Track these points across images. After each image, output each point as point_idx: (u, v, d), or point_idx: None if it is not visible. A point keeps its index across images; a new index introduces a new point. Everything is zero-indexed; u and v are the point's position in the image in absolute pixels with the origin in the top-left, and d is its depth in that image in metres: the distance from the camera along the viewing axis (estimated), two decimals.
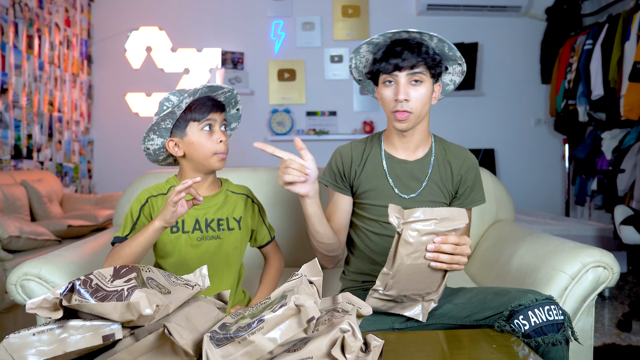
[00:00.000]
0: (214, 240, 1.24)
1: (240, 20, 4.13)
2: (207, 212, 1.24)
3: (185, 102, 1.15)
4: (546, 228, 2.88)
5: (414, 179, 1.24)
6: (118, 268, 0.70)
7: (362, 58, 1.22)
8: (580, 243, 1.27)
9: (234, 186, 1.33)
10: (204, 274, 0.81)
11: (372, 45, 1.18)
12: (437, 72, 1.17)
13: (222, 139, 1.19)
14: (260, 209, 1.34)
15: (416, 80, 1.13)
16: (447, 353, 0.86)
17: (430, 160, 1.25)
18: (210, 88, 1.16)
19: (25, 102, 3.27)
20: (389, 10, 4.16)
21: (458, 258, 0.93)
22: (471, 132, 4.21)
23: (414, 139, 1.23)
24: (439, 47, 1.15)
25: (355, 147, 1.29)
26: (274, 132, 4.10)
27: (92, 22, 4.21)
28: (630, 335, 2.19)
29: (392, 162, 1.25)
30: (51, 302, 0.64)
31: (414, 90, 1.14)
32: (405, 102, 1.13)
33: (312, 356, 0.66)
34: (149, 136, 1.20)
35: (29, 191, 2.92)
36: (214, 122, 1.19)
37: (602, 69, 3.32)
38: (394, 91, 1.14)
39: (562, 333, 0.92)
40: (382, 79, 1.17)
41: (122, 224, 1.22)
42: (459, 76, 1.24)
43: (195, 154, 1.19)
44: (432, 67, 1.14)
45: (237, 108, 1.28)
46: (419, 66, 1.12)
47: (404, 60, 1.11)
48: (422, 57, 1.12)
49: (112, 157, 4.22)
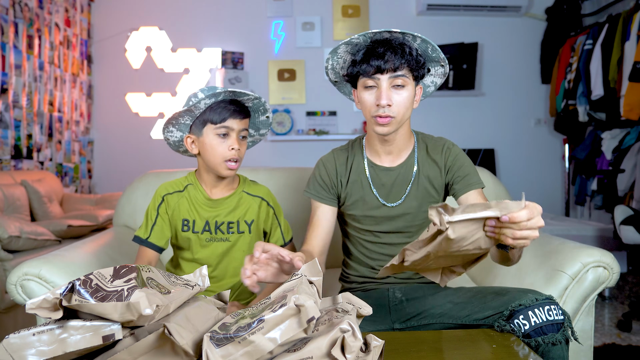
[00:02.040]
0: (223, 242, 1.25)
1: (240, 20, 4.13)
2: (219, 214, 1.24)
3: (205, 102, 1.13)
4: (546, 228, 2.88)
5: (398, 185, 1.20)
6: (118, 268, 0.70)
7: (340, 59, 1.15)
8: (580, 243, 1.27)
9: (252, 187, 1.30)
10: (203, 274, 0.81)
11: (351, 45, 1.11)
12: (419, 74, 1.11)
13: (235, 147, 1.16)
14: (276, 212, 1.32)
15: (398, 84, 1.08)
16: (447, 353, 0.86)
17: (414, 162, 1.21)
18: (235, 93, 1.14)
19: (25, 102, 3.27)
20: (389, 10, 4.16)
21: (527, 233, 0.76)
22: (471, 132, 4.21)
23: (396, 143, 1.18)
24: (422, 47, 1.10)
25: (338, 156, 1.25)
26: (274, 132, 4.10)
27: (92, 22, 4.21)
28: (630, 335, 2.19)
29: (376, 171, 1.21)
30: (51, 302, 0.64)
31: (396, 94, 1.08)
32: (387, 107, 1.07)
33: (312, 356, 0.66)
34: (168, 128, 1.21)
35: (29, 191, 2.92)
36: (230, 130, 1.16)
37: (602, 69, 3.32)
38: (376, 95, 1.08)
39: (562, 333, 0.92)
40: (362, 82, 1.10)
41: (143, 222, 1.26)
42: (440, 78, 1.19)
43: (207, 156, 1.19)
44: (415, 69, 1.08)
45: (267, 115, 1.25)
46: (402, 68, 1.06)
47: (387, 62, 1.05)
48: (406, 58, 1.06)
49: (112, 157, 4.22)
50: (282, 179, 1.77)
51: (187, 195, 1.25)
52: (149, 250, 1.23)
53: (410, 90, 1.10)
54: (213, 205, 1.24)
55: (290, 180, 1.77)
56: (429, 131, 1.34)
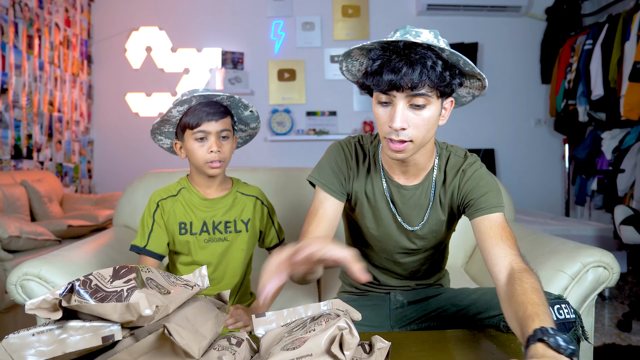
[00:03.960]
0: (221, 242, 1.25)
1: (240, 20, 4.13)
2: (215, 214, 1.25)
3: (178, 110, 1.14)
4: (546, 228, 2.88)
5: (414, 206, 1.06)
6: (117, 268, 0.70)
7: (355, 62, 0.99)
8: (580, 243, 1.27)
9: (245, 187, 1.32)
10: (203, 274, 0.80)
11: (366, 50, 0.93)
12: (447, 90, 0.91)
13: (214, 149, 1.15)
14: (270, 211, 1.33)
15: (418, 104, 0.89)
16: (448, 353, 0.86)
17: (432, 183, 1.05)
18: (204, 96, 1.13)
19: (25, 102, 3.26)
20: (389, 10, 4.16)
21: None
22: (471, 132, 4.21)
23: (415, 165, 1.02)
24: (452, 59, 0.90)
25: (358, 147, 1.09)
26: (274, 132, 4.10)
27: (92, 22, 4.21)
28: (630, 335, 2.19)
29: (392, 185, 1.06)
30: (50, 303, 0.63)
31: (414, 115, 0.90)
32: (402, 130, 0.90)
33: (312, 353, 0.66)
34: (156, 137, 1.24)
35: (29, 191, 2.92)
36: (207, 134, 1.15)
37: (602, 69, 3.32)
38: (389, 114, 0.90)
39: (573, 332, 0.89)
40: (376, 95, 0.92)
41: (139, 231, 1.24)
42: (478, 90, 1.01)
43: (191, 159, 1.21)
44: (440, 86, 0.89)
45: (250, 110, 1.23)
46: (423, 86, 0.87)
47: (403, 78, 0.85)
48: (428, 75, 0.86)
49: (112, 157, 4.22)
50: (282, 178, 1.77)
51: (181, 199, 1.25)
52: (149, 258, 1.21)
53: (434, 109, 0.91)
54: (209, 205, 1.25)
55: (290, 180, 1.77)
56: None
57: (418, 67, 0.85)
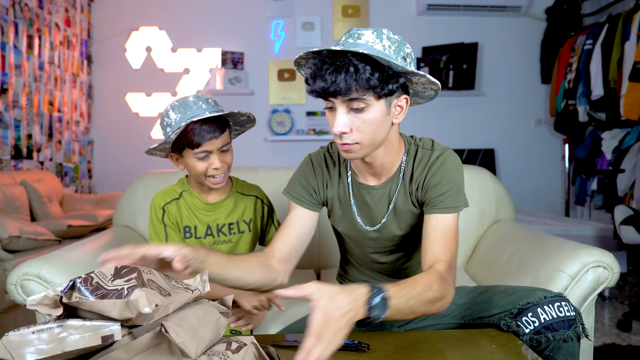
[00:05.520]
0: (226, 244, 1.27)
1: (240, 20, 4.13)
2: (218, 217, 1.25)
3: (176, 133, 1.11)
4: (546, 228, 2.88)
5: (380, 205, 1.08)
6: (119, 268, 0.70)
7: (308, 69, 0.97)
8: (580, 243, 1.27)
9: (245, 186, 1.32)
10: (204, 279, 0.80)
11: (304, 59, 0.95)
12: (384, 92, 0.89)
13: (217, 166, 1.15)
14: (270, 209, 1.34)
15: (357, 108, 0.89)
16: (447, 353, 0.86)
17: (399, 179, 1.07)
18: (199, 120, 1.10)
19: (25, 102, 3.27)
20: (389, 10, 4.17)
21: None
22: (471, 132, 4.21)
23: (381, 165, 1.04)
24: (382, 61, 0.88)
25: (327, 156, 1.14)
26: (274, 132, 4.10)
27: (92, 22, 4.21)
28: (630, 335, 2.19)
29: (358, 188, 1.09)
30: (52, 299, 0.64)
31: (356, 118, 0.90)
32: (343, 134, 0.91)
33: None
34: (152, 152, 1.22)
35: (29, 191, 2.92)
36: (209, 153, 1.14)
37: (602, 69, 3.32)
38: (333, 120, 0.92)
39: (574, 329, 0.90)
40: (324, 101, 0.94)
41: (152, 240, 1.23)
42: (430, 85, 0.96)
43: (191, 173, 1.20)
44: (374, 88, 0.88)
45: (247, 116, 1.22)
46: (355, 91, 0.87)
47: (331, 85, 0.86)
48: (356, 78, 0.85)
49: (112, 157, 4.22)
50: (282, 179, 1.77)
51: (184, 202, 1.25)
52: None
53: (376, 111, 0.91)
54: (212, 209, 1.25)
55: None
56: (428, 132, 1.32)
57: (342, 74, 0.86)
